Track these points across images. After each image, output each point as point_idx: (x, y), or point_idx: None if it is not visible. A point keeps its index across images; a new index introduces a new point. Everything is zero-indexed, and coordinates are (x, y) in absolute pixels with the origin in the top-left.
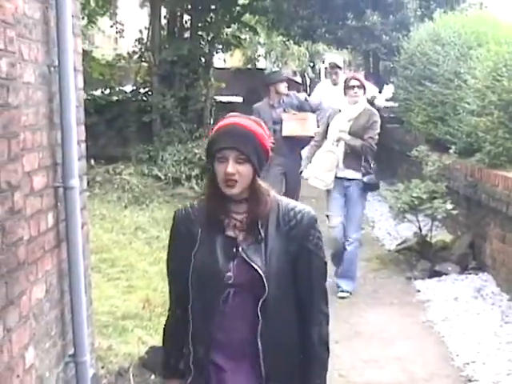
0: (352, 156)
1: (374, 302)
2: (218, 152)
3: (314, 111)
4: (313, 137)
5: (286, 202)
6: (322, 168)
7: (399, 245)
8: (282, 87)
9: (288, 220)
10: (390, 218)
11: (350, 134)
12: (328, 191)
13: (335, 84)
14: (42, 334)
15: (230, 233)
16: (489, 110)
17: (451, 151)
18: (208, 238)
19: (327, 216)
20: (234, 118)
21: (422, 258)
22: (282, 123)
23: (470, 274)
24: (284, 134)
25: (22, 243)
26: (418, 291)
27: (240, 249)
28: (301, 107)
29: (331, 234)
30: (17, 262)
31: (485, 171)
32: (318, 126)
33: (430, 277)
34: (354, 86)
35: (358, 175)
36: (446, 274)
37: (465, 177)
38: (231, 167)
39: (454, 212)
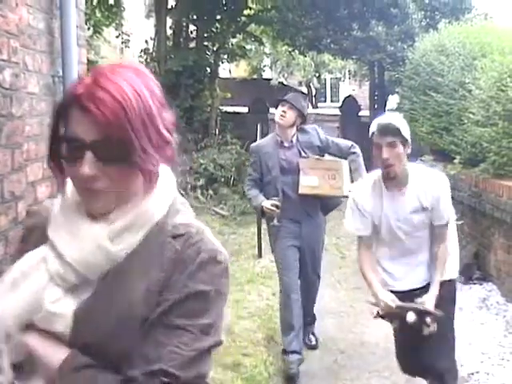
0: None
1: None
2: None
3: (345, 156)
4: (346, 196)
5: None
6: None
7: None
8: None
9: None
10: None
11: None
12: None
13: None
14: None
15: None
16: (493, 121)
17: (456, 161)
18: None
19: None
20: None
21: None
22: (297, 174)
23: (474, 284)
24: (301, 191)
25: None
26: None
27: None
28: (325, 150)
29: None
30: None
31: (489, 181)
32: (353, 181)
33: None
34: None
35: None
36: None
37: (469, 187)
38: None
39: (459, 222)
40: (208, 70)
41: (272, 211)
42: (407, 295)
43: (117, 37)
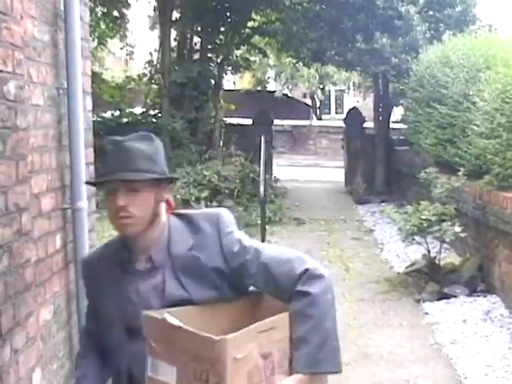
0: None
1: (382, 324)
2: None
3: (287, 298)
4: None
5: None
6: None
7: (408, 267)
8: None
9: None
10: (399, 240)
11: None
12: None
13: None
14: (50, 356)
15: None
16: (497, 132)
17: (460, 173)
18: None
19: None
20: None
21: (430, 280)
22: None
23: (478, 296)
24: None
25: (29, 265)
26: (427, 313)
27: None
28: (238, 279)
29: None
30: (24, 283)
31: (493, 193)
32: (293, 371)
33: (439, 299)
34: None
35: None
36: (455, 297)
37: (473, 199)
38: None
39: (463, 234)
40: (212, 81)
41: None
42: None
43: (121, 48)
